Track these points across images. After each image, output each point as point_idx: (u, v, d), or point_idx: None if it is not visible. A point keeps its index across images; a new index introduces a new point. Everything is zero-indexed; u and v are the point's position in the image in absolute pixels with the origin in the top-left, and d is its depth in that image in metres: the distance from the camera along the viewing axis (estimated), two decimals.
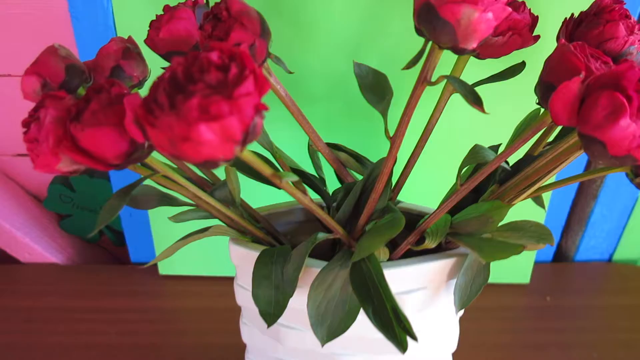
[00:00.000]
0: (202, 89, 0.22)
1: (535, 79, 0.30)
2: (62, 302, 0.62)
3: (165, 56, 0.36)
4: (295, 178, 0.28)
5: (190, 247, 0.45)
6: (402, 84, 0.51)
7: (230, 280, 0.46)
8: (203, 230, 0.37)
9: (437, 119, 0.33)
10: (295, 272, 0.34)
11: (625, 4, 0.33)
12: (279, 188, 0.28)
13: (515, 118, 0.40)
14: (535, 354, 0.54)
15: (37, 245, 0.67)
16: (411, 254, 0.37)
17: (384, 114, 0.31)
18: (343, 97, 0.52)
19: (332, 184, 0.41)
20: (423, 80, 0.28)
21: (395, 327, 0.29)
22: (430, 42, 0.28)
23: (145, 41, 0.36)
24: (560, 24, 0.34)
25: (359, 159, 0.36)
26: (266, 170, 0.27)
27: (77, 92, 0.34)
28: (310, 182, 0.41)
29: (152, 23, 0.36)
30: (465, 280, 0.38)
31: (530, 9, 0.33)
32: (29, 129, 0.32)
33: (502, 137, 0.40)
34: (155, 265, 0.66)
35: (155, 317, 0.59)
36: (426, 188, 0.52)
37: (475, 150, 0.34)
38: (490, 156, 0.33)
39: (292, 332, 0.41)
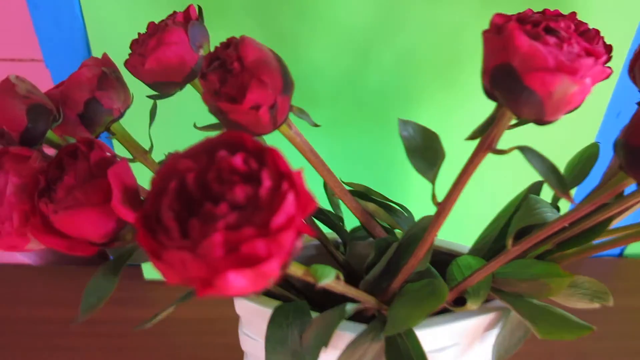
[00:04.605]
0: (226, 212, 0.16)
1: None
2: (36, 312, 0.56)
3: (153, 86, 0.29)
4: (332, 279, 0.22)
5: None
6: (422, 84, 0.45)
7: None
8: None
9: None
10: (317, 341, 0.29)
11: None
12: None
13: (561, 149, 0.34)
14: None
15: None
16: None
17: (433, 181, 0.25)
18: (351, 98, 0.45)
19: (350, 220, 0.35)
20: (487, 148, 0.23)
21: None
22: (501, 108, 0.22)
23: (126, 65, 0.29)
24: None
25: (389, 208, 0.31)
26: (298, 272, 0.22)
27: (45, 137, 0.27)
28: (325, 219, 0.36)
29: (133, 46, 0.28)
30: (503, 335, 0.34)
31: (603, 38, 0.27)
32: None
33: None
34: (139, 267, 0.60)
35: (143, 329, 0.55)
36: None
37: (530, 206, 0.28)
38: (549, 215, 0.28)
39: None
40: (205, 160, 0.17)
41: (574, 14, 0.28)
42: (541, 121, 0.21)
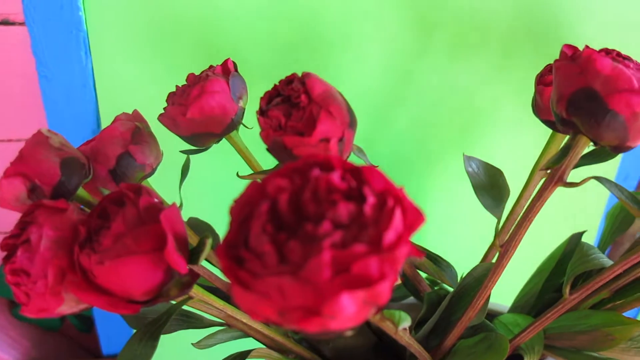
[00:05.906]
0: (330, 230, 0.15)
1: None
2: None
3: (190, 138, 0.28)
4: (409, 322, 0.20)
5: (177, 335, 0.33)
6: (437, 146, 0.45)
7: None
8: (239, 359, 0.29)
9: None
10: None
11: None
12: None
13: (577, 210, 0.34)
14: None
15: None
16: None
17: (499, 218, 0.24)
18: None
19: None
20: (557, 180, 0.22)
21: None
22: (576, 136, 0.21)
23: (161, 119, 0.28)
24: None
25: (435, 260, 0.29)
26: (375, 317, 0.20)
27: (76, 194, 0.25)
28: None
29: (171, 98, 0.28)
30: None
31: None
32: (14, 256, 0.23)
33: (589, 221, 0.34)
34: None
35: None
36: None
37: (584, 252, 0.27)
38: (605, 261, 0.27)
39: None
40: (298, 180, 0.16)
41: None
42: (622, 146, 0.20)
